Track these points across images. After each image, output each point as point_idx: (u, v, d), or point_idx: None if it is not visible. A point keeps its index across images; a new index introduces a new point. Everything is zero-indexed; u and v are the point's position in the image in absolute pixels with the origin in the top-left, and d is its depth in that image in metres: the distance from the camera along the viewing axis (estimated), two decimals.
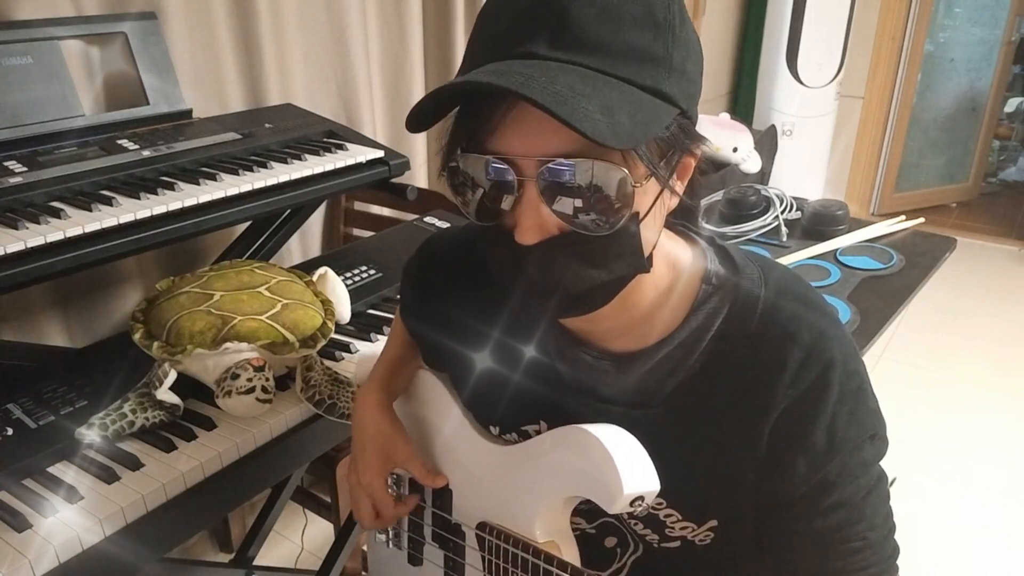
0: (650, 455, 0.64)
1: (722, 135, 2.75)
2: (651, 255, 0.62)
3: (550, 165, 0.54)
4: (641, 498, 0.62)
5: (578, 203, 0.55)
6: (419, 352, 0.88)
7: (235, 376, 1.00)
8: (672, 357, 0.67)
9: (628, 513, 0.70)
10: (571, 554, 0.73)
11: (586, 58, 0.53)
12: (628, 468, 0.61)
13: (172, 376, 1.03)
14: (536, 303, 0.61)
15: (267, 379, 1.00)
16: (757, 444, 0.65)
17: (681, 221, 0.71)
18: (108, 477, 0.91)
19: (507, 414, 0.76)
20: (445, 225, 1.58)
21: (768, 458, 0.65)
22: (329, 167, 1.29)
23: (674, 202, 0.63)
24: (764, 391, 0.64)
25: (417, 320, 0.86)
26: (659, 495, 0.65)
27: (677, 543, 0.73)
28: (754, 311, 0.66)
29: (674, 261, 0.68)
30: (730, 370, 0.66)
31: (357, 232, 1.95)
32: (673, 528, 0.72)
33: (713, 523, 0.71)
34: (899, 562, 0.69)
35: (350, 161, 1.33)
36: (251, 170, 1.21)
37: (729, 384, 0.66)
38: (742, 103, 3.77)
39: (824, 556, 0.67)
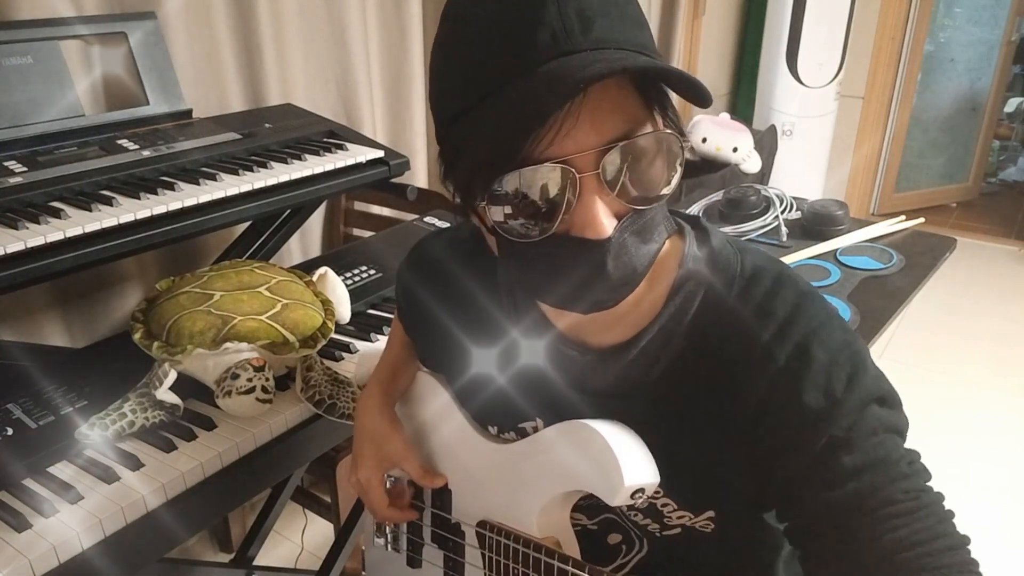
0: None
1: (722, 135, 2.75)
2: None
3: (618, 149, 0.55)
4: (641, 490, 0.62)
5: (642, 178, 0.57)
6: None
7: (235, 376, 1.00)
8: (654, 344, 0.67)
9: (628, 505, 0.70)
10: (571, 549, 0.73)
11: (617, 42, 0.55)
12: (628, 460, 0.62)
13: (172, 376, 1.03)
14: (608, 298, 0.60)
15: (267, 379, 1.01)
16: (743, 426, 0.64)
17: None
18: (108, 477, 0.91)
19: (503, 413, 0.77)
20: (445, 225, 1.58)
21: (766, 440, 0.63)
22: (329, 167, 1.29)
23: None
24: (741, 370, 0.64)
25: (411, 321, 0.87)
26: None
27: (678, 531, 0.74)
28: (730, 291, 0.66)
29: None
30: (709, 352, 0.66)
31: (357, 232, 1.95)
32: (671, 517, 0.73)
33: (711, 513, 0.71)
34: None
35: (350, 161, 1.33)
36: (251, 170, 1.21)
37: (709, 366, 0.66)
38: (742, 103, 3.77)
39: (876, 523, 0.58)
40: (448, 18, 0.60)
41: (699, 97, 0.55)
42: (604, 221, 0.56)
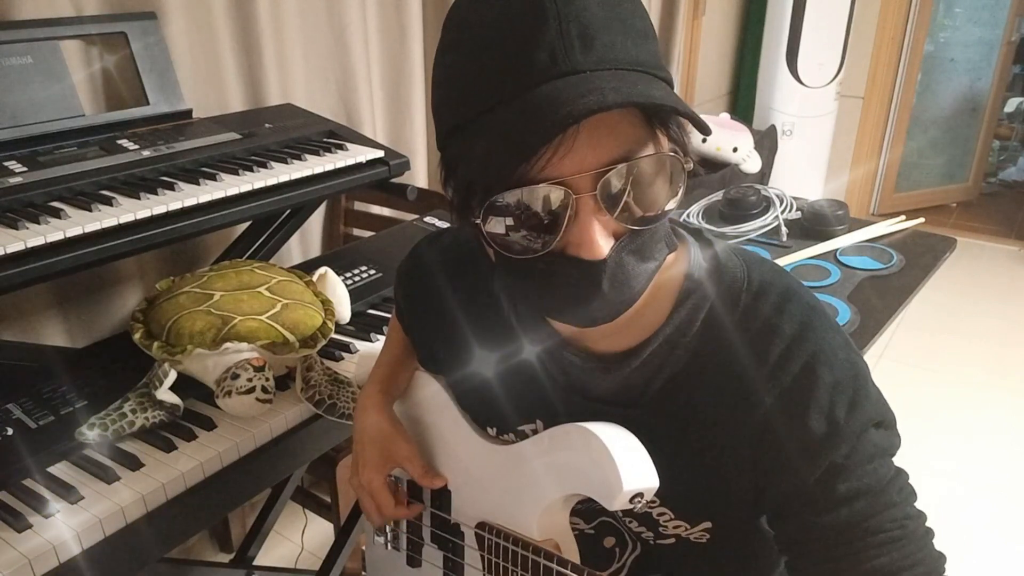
0: None
1: (722, 135, 2.75)
2: None
3: (616, 170, 0.54)
4: (640, 495, 0.62)
5: (641, 199, 0.56)
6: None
7: (235, 376, 1.00)
8: (658, 354, 0.67)
9: (625, 511, 0.70)
10: (571, 552, 0.73)
11: (618, 61, 0.54)
12: (627, 464, 0.61)
13: (172, 376, 1.03)
14: (603, 315, 0.60)
15: (267, 379, 1.01)
16: (746, 440, 0.65)
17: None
18: (108, 477, 0.91)
19: (503, 415, 0.77)
20: (445, 225, 1.58)
21: (766, 455, 0.65)
22: (329, 167, 1.29)
23: None
24: (747, 385, 0.64)
25: (410, 322, 0.87)
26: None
27: (672, 540, 0.74)
28: (736, 305, 0.66)
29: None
30: (714, 365, 0.65)
31: (357, 232, 1.95)
32: (666, 527, 0.73)
33: (707, 524, 0.71)
34: None
35: (350, 161, 1.33)
36: (251, 170, 1.21)
37: (714, 379, 0.65)
38: (742, 103, 3.76)
39: (862, 550, 0.62)
40: (450, 26, 0.59)
41: (696, 126, 0.54)
42: (600, 242, 0.55)
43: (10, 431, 0.98)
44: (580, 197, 0.54)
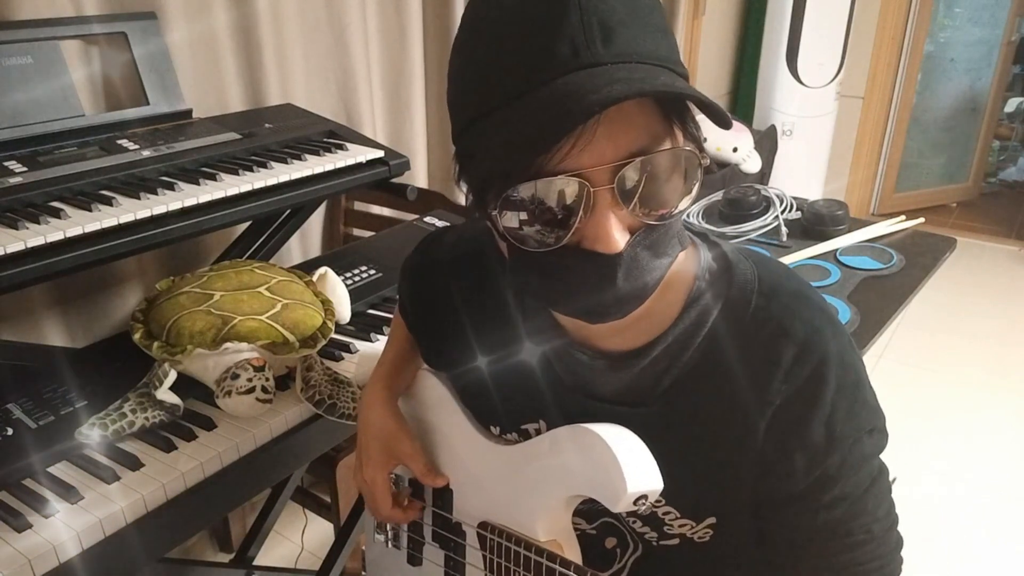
0: None
1: (722, 135, 2.75)
2: None
3: (634, 164, 0.54)
4: (644, 497, 0.62)
5: (658, 193, 0.56)
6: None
7: (235, 376, 1.00)
8: (666, 354, 0.67)
9: (629, 512, 0.70)
10: (573, 553, 0.73)
11: (639, 55, 0.54)
12: (631, 467, 0.61)
13: (172, 376, 1.03)
14: (616, 310, 0.60)
15: (267, 379, 1.01)
16: (753, 441, 0.65)
17: None
18: (108, 477, 0.91)
19: (506, 413, 0.77)
20: (445, 225, 1.58)
21: (766, 455, 0.65)
22: (329, 167, 1.29)
23: None
24: (758, 387, 0.64)
25: (415, 319, 0.87)
26: None
27: (676, 540, 0.73)
28: (747, 307, 0.66)
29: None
30: (724, 366, 0.65)
31: (357, 232, 1.95)
32: (672, 526, 0.72)
33: (711, 520, 0.71)
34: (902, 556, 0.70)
35: (350, 161, 1.33)
36: (251, 170, 1.21)
37: (723, 381, 0.65)
38: (742, 103, 3.76)
39: (828, 550, 0.66)
40: (467, 19, 0.59)
41: (718, 118, 0.54)
42: (616, 236, 0.55)
43: (10, 431, 0.98)
44: (598, 190, 0.54)
